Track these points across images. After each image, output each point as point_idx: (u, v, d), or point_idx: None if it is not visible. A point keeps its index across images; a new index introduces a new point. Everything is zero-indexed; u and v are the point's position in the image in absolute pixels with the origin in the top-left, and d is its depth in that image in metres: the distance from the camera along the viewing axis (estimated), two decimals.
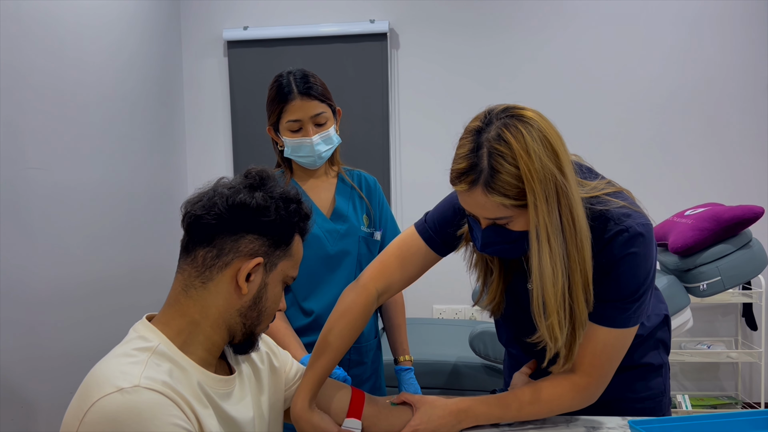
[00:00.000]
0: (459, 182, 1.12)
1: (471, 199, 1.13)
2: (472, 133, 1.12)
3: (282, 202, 1.06)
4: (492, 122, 1.10)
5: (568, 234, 1.12)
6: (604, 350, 1.22)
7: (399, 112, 3.56)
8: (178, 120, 3.61)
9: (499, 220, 1.14)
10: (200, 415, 0.95)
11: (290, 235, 1.08)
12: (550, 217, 1.09)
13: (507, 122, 1.09)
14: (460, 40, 3.51)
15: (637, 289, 1.19)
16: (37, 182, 2.33)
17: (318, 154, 1.68)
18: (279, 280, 1.08)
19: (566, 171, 1.10)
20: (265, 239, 1.04)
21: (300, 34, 3.52)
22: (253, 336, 1.09)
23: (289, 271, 1.10)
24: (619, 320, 1.21)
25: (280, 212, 1.05)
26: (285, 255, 1.08)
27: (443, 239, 1.36)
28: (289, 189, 1.10)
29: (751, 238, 2.38)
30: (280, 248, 1.06)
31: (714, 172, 3.37)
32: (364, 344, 1.75)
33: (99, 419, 0.86)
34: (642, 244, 1.17)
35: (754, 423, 1.22)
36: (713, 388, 3.47)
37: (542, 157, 1.07)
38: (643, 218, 1.19)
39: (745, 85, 3.34)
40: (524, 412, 1.28)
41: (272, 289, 1.07)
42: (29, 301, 2.27)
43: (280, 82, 1.66)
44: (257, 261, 1.03)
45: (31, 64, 2.32)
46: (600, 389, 1.25)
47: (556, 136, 1.12)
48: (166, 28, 3.47)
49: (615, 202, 1.21)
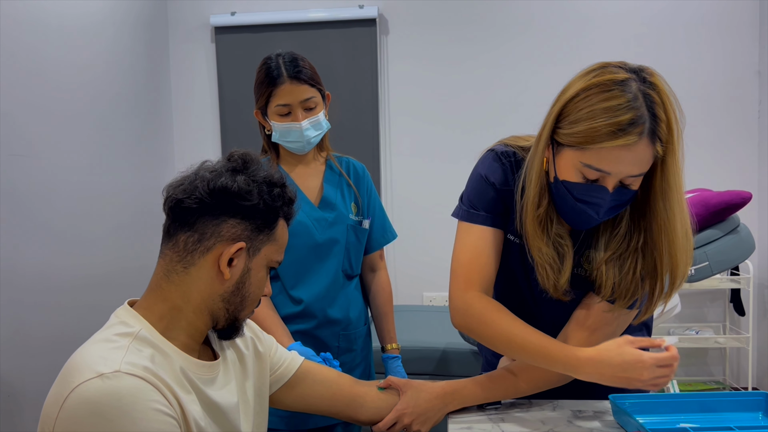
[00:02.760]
0: (624, 134, 1.04)
1: (631, 153, 1.05)
2: (620, 83, 1.06)
3: (265, 186, 1.05)
4: (636, 72, 1.09)
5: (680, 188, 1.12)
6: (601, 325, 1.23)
7: (389, 97, 3.54)
8: (165, 107, 3.58)
9: (637, 178, 1.10)
10: (183, 400, 0.94)
11: (274, 219, 1.06)
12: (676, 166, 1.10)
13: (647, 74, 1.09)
14: (449, 26, 3.49)
15: None
16: (22, 169, 2.31)
17: (307, 139, 1.66)
18: (263, 265, 1.06)
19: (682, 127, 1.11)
20: (248, 224, 1.03)
21: (288, 19, 3.49)
22: (237, 321, 1.07)
23: (274, 256, 1.08)
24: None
25: (263, 196, 1.04)
26: (269, 240, 1.06)
27: (499, 214, 1.30)
28: (273, 173, 1.08)
29: (739, 224, 2.38)
30: (263, 233, 1.05)
31: (702, 158, 3.38)
32: (353, 331, 1.75)
33: (79, 405, 0.85)
34: None
35: (733, 403, 1.23)
36: (701, 373, 3.50)
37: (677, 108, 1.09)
38: None
39: (734, 70, 3.34)
40: (510, 392, 1.28)
41: (256, 274, 1.06)
42: (14, 289, 2.25)
43: (269, 64, 1.64)
44: (239, 246, 1.01)
45: (14, 48, 2.29)
46: None
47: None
48: (152, 14, 3.43)
49: None
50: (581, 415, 1.27)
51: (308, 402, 1.28)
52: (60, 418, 0.86)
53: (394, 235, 1.87)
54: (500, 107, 3.41)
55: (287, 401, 1.26)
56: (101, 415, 0.85)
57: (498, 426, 1.23)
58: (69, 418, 0.85)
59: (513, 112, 3.40)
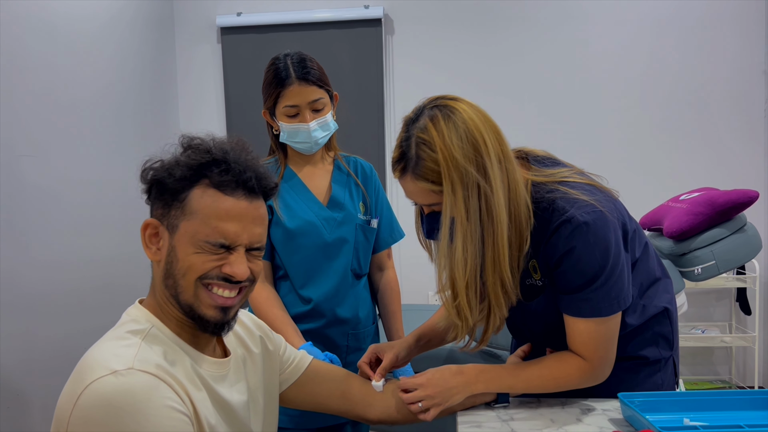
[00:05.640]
0: (394, 170, 1.23)
1: (405, 186, 1.23)
2: (405, 123, 1.21)
3: (176, 158, 0.99)
4: (423, 112, 1.18)
5: (484, 221, 1.16)
6: (589, 339, 1.23)
7: (394, 97, 3.55)
8: (172, 107, 3.59)
9: (436, 206, 1.20)
10: (194, 398, 0.95)
11: (182, 190, 0.98)
12: (467, 203, 1.14)
13: (433, 113, 1.17)
14: (454, 26, 3.49)
15: (591, 279, 1.19)
16: (28, 169, 2.32)
17: (315, 140, 1.66)
18: (188, 242, 0.96)
19: (487, 160, 1.15)
20: (161, 201, 1.00)
21: (294, 20, 3.50)
22: (192, 311, 0.99)
23: (201, 229, 0.96)
24: (586, 310, 1.21)
25: (166, 167, 0.98)
26: (183, 214, 0.97)
27: None
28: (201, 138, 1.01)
29: (746, 222, 2.38)
30: (173, 207, 0.98)
31: (709, 157, 3.37)
32: (362, 330, 1.75)
33: (93, 402, 0.85)
34: (586, 233, 1.16)
35: (742, 402, 1.23)
36: (707, 372, 3.49)
37: (462, 145, 1.14)
38: (590, 207, 1.18)
39: (740, 69, 3.33)
40: (532, 384, 1.27)
41: (181, 252, 0.97)
42: (21, 288, 2.26)
43: (277, 65, 1.63)
44: (147, 223, 1.01)
45: (20, 49, 2.30)
46: (604, 369, 1.26)
47: (485, 126, 1.17)
48: (158, 15, 3.44)
49: (565, 191, 1.20)
50: (590, 413, 1.27)
51: (317, 401, 1.28)
52: (74, 415, 0.86)
53: (402, 234, 1.87)
54: (506, 106, 3.41)
55: (297, 400, 1.27)
56: (115, 411, 0.85)
57: (507, 424, 1.23)
58: (83, 415, 0.86)
59: (519, 111, 3.40)
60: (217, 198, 0.97)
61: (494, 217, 1.15)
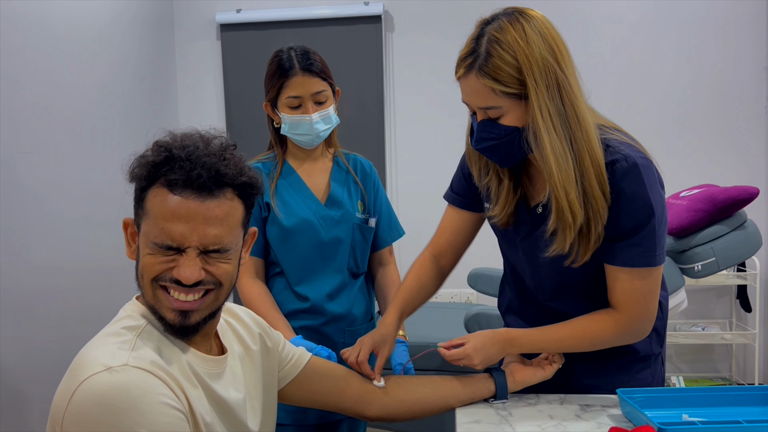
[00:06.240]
0: (458, 68, 1.19)
1: (466, 85, 1.18)
2: (479, 24, 1.19)
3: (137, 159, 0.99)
4: (498, 16, 1.17)
5: (572, 121, 1.14)
6: (632, 291, 1.22)
7: (394, 94, 3.54)
8: (171, 104, 3.58)
9: (491, 111, 1.17)
10: (190, 395, 0.94)
11: (141, 189, 0.97)
12: (552, 102, 1.13)
13: (510, 16, 1.15)
14: (454, 23, 3.48)
15: (643, 223, 1.17)
16: (28, 167, 2.31)
17: (316, 132, 1.65)
18: (144, 243, 0.96)
19: (566, 66, 1.15)
20: (134, 199, 1.00)
21: (294, 16, 3.49)
22: (156, 312, 0.98)
23: (151, 231, 0.94)
24: (637, 257, 1.19)
25: (132, 167, 0.98)
26: (143, 214, 0.97)
27: (464, 195, 1.47)
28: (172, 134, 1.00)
29: (746, 219, 2.37)
30: (138, 207, 0.98)
31: (709, 154, 3.37)
32: (358, 327, 1.74)
33: (87, 398, 0.85)
34: (641, 175, 1.16)
35: (740, 398, 1.23)
36: (708, 369, 3.49)
37: (541, 48, 1.12)
38: (643, 153, 1.19)
39: (741, 66, 3.33)
40: (566, 344, 1.28)
41: (141, 253, 0.97)
42: (19, 286, 2.26)
43: (281, 56, 1.63)
44: (125, 222, 1.01)
45: (20, 48, 2.29)
46: (644, 324, 1.25)
47: (558, 36, 1.16)
48: (158, 12, 3.43)
49: (617, 136, 1.21)
50: (589, 409, 1.27)
51: (316, 398, 1.28)
52: (69, 411, 0.86)
53: (401, 233, 1.86)
54: None
55: (295, 397, 1.27)
56: (109, 408, 0.84)
57: (506, 420, 1.23)
58: (77, 411, 0.85)
59: None
60: (165, 197, 0.94)
61: (581, 119, 1.15)
